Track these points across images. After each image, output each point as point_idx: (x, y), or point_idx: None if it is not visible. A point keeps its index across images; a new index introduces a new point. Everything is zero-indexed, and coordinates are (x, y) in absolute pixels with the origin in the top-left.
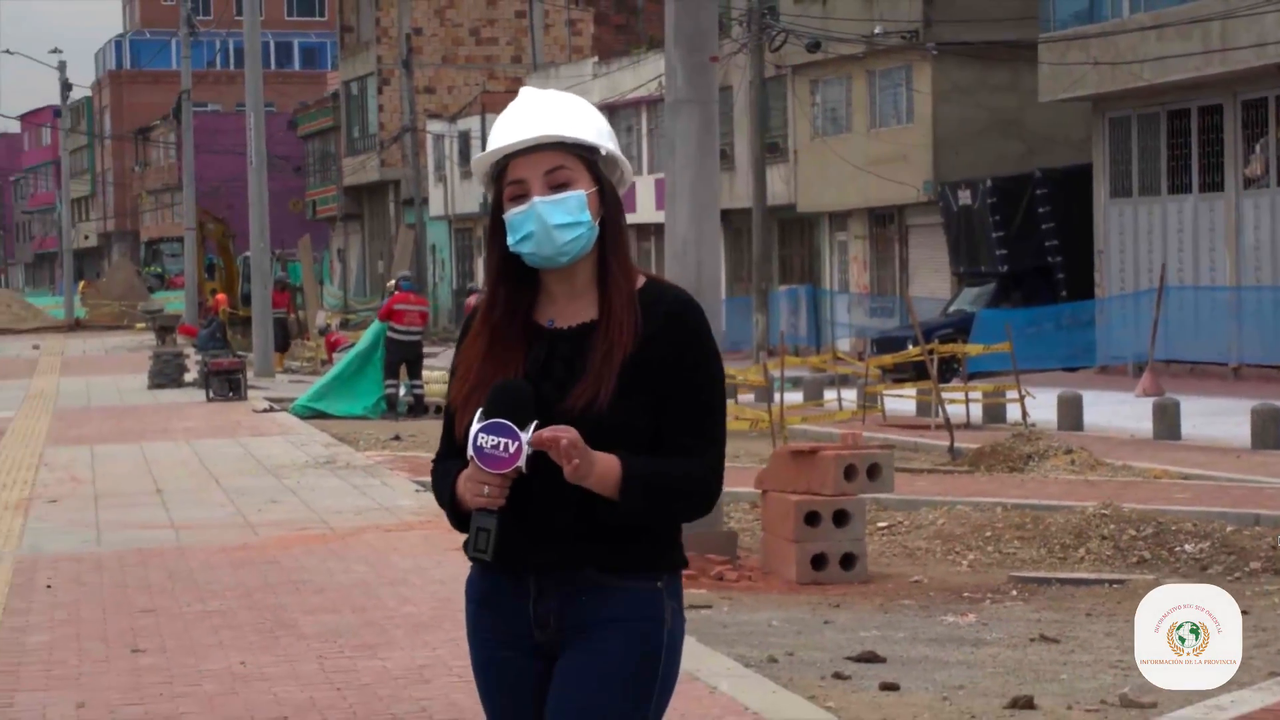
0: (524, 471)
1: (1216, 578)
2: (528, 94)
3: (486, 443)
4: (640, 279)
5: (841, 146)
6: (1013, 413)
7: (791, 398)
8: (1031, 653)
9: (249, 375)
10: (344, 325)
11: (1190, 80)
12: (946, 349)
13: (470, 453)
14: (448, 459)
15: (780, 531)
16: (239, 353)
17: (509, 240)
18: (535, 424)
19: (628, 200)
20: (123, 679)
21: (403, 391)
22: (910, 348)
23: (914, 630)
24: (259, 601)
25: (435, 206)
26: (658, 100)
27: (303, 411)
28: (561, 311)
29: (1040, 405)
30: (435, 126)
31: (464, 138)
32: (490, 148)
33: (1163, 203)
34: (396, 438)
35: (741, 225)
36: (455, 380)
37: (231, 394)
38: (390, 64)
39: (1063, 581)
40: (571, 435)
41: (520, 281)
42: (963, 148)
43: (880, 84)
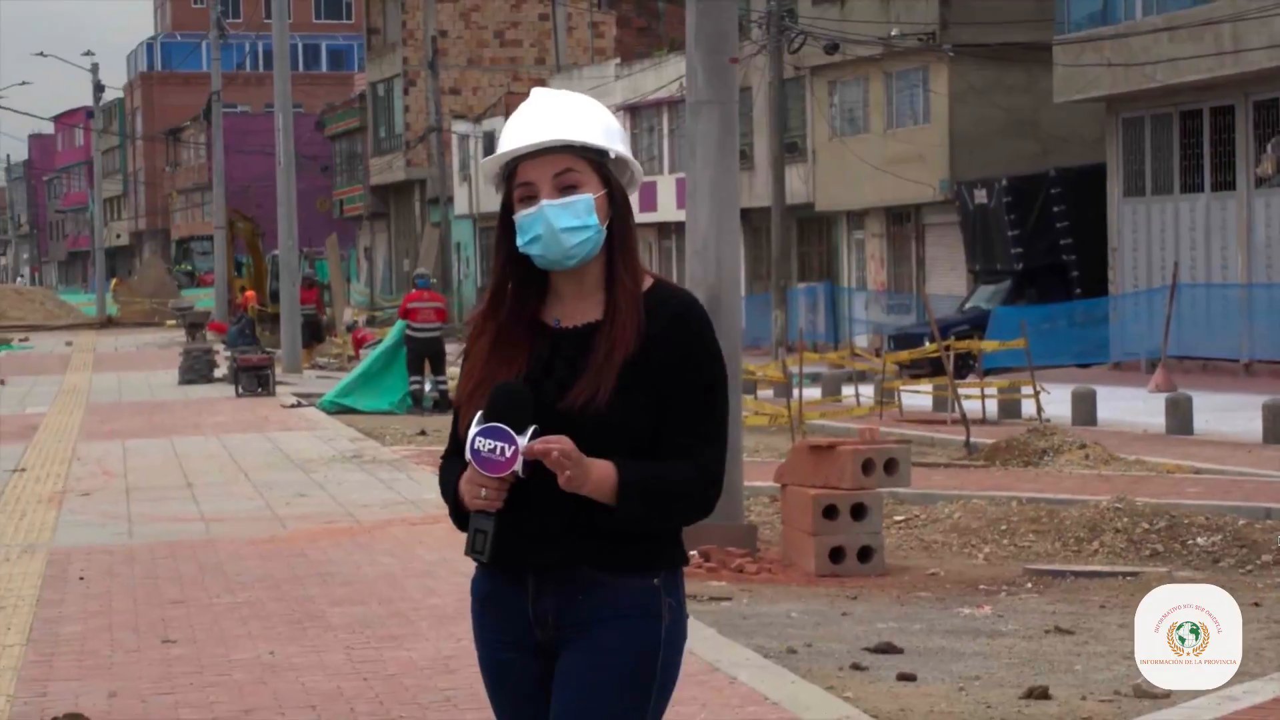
0: (521, 476)
1: (1228, 571)
2: (539, 95)
3: (483, 446)
4: (648, 281)
5: (859, 146)
6: (1028, 408)
7: (810, 393)
8: (1046, 644)
9: (277, 371)
10: (370, 322)
11: (1202, 81)
12: (962, 345)
13: (468, 456)
14: (454, 456)
15: (799, 525)
16: (268, 349)
17: (518, 241)
18: (534, 428)
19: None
20: (154, 668)
21: (428, 387)
22: (927, 344)
23: (931, 622)
24: (287, 593)
25: (460, 205)
26: (679, 101)
27: (330, 407)
28: (568, 311)
29: (1054, 401)
30: (460, 127)
31: (488, 138)
32: (500, 149)
33: (1175, 201)
34: (422, 433)
35: (761, 224)
36: (461, 377)
37: (260, 390)
38: (416, 66)
39: (1077, 574)
40: (564, 446)
41: (529, 281)
42: (978, 148)
43: (897, 85)
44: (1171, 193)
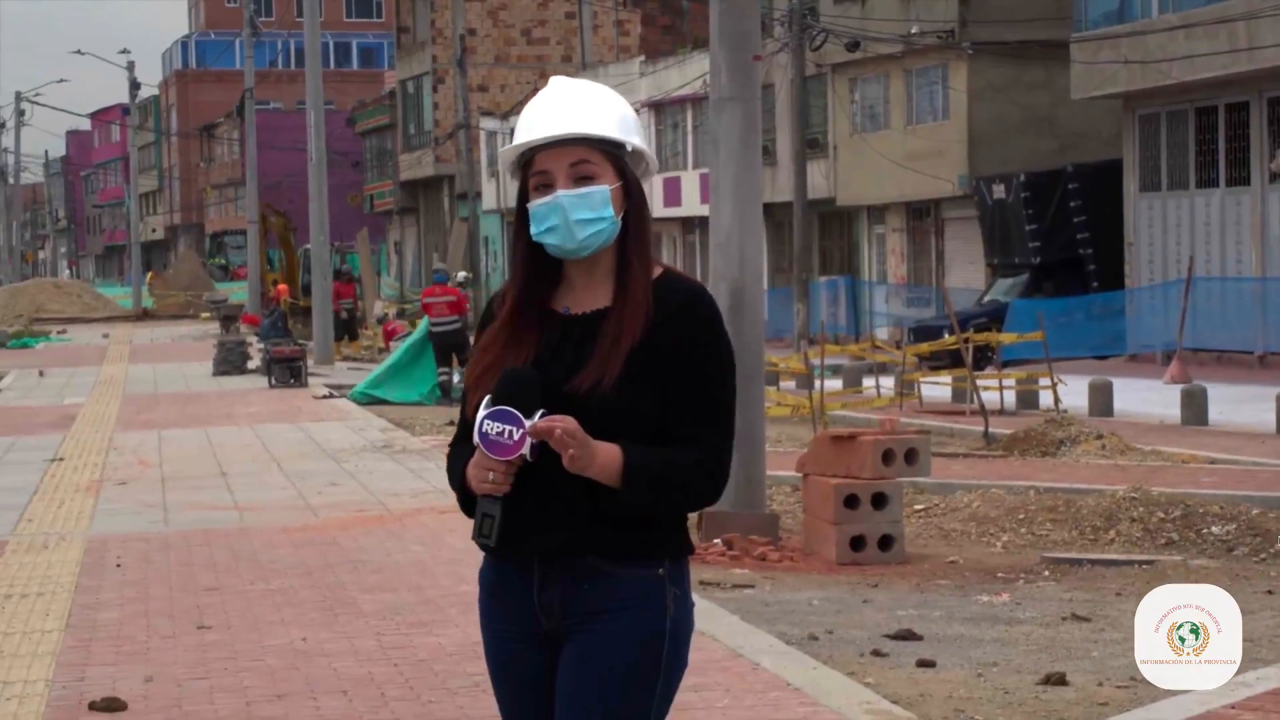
0: (529, 459)
1: (1242, 559)
2: (557, 84)
3: (492, 429)
4: (657, 270)
5: (879, 142)
6: (1045, 399)
7: (831, 385)
8: (1063, 631)
9: (309, 363)
10: (400, 315)
11: (1217, 78)
12: (981, 338)
13: (476, 439)
14: (462, 443)
15: (821, 514)
16: (300, 341)
17: (532, 230)
18: (542, 412)
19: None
20: (189, 654)
21: (456, 378)
22: (946, 336)
23: (950, 609)
24: (319, 580)
25: (488, 200)
26: (702, 98)
27: (361, 398)
28: (578, 298)
29: (1072, 392)
30: (488, 123)
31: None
32: (517, 138)
33: (1190, 197)
34: (451, 423)
35: (783, 218)
36: (471, 362)
37: (293, 381)
38: (445, 63)
39: (1093, 562)
40: (567, 425)
41: (542, 269)
42: (997, 144)
43: (917, 82)
44: (1187, 188)
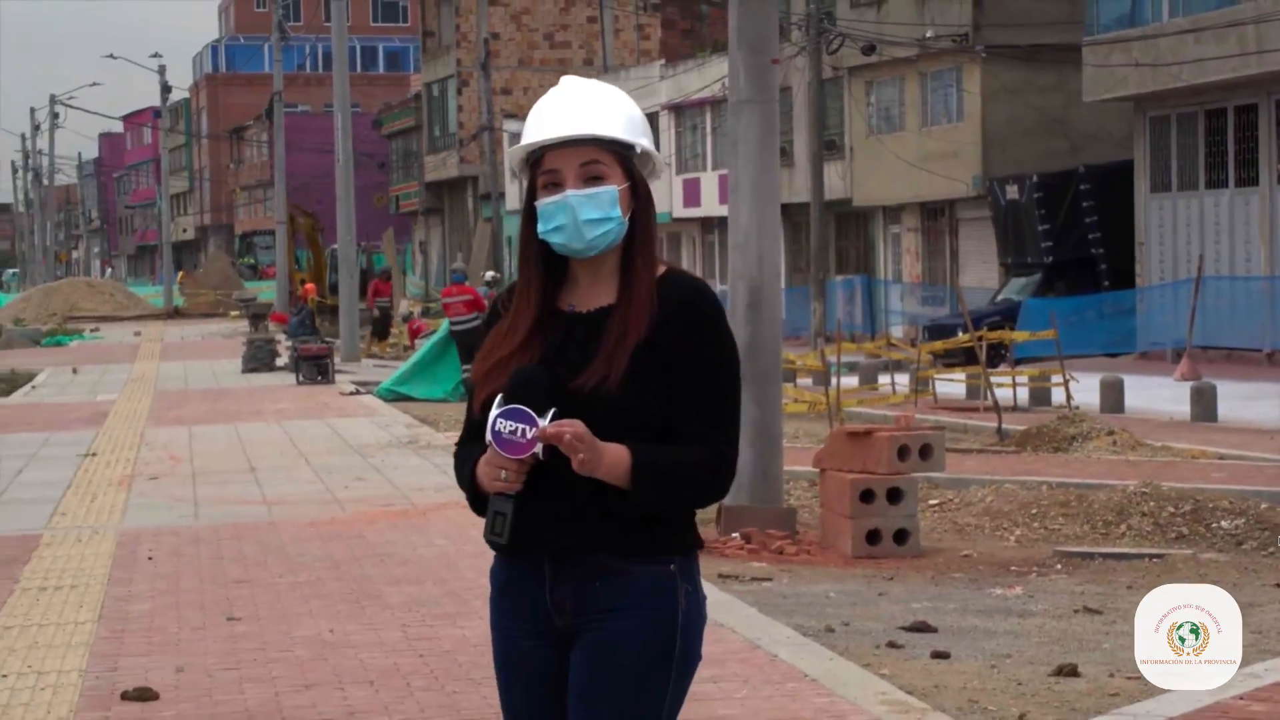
0: (541, 458)
1: (1251, 553)
2: (568, 83)
3: (504, 428)
4: (660, 268)
5: (895, 144)
6: (1057, 396)
7: (847, 382)
8: (1075, 623)
9: (336, 360)
10: (425, 313)
11: (1227, 81)
12: (995, 336)
13: (489, 438)
14: (469, 442)
15: (837, 508)
16: (327, 339)
17: (539, 228)
18: (554, 410)
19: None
20: (219, 645)
21: None
22: (960, 334)
23: (964, 602)
24: (346, 573)
25: (511, 201)
26: (721, 101)
27: (387, 395)
28: (582, 296)
29: (1083, 389)
30: (511, 125)
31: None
32: (527, 136)
33: (1200, 197)
34: None
35: (800, 219)
36: (476, 360)
37: (320, 378)
38: (469, 67)
39: (1105, 556)
40: (576, 429)
41: (547, 266)
42: (1010, 145)
43: (932, 85)
44: (1197, 189)
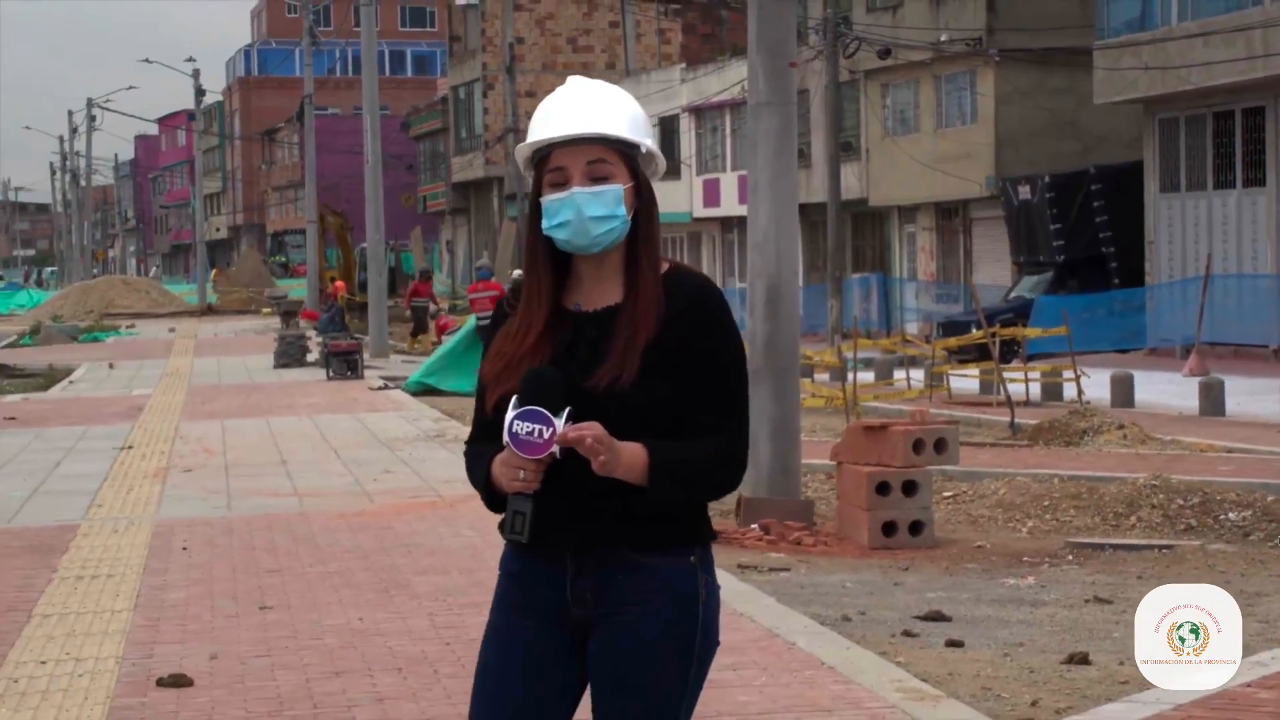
0: (558, 457)
1: (1258, 544)
2: (575, 83)
3: (521, 429)
4: (664, 265)
5: (910, 145)
6: (1069, 391)
7: (863, 377)
8: (1086, 613)
9: (365, 356)
10: (452, 310)
11: (1234, 84)
12: (1007, 332)
13: (506, 439)
14: (479, 442)
15: (854, 500)
16: (356, 335)
17: (544, 224)
18: (569, 410)
19: (712, 195)
20: (251, 633)
21: None
22: (974, 331)
23: (977, 591)
24: (375, 563)
25: None
26: (741, 103)
27: (415, 387)
28: (588, 295)
29: (1094, 384)
30: None
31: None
32: (534, 134)
33: (1208, 197)
34: None
35: (817, 218)
36: (486, 359)
37: (349, 373)
38: (495, 71)
39: (1115, 547)
40: (595, 432)
41: (552, 264)
42: (1023, 146)
43: (946, 87)
44: (1205, 189)
